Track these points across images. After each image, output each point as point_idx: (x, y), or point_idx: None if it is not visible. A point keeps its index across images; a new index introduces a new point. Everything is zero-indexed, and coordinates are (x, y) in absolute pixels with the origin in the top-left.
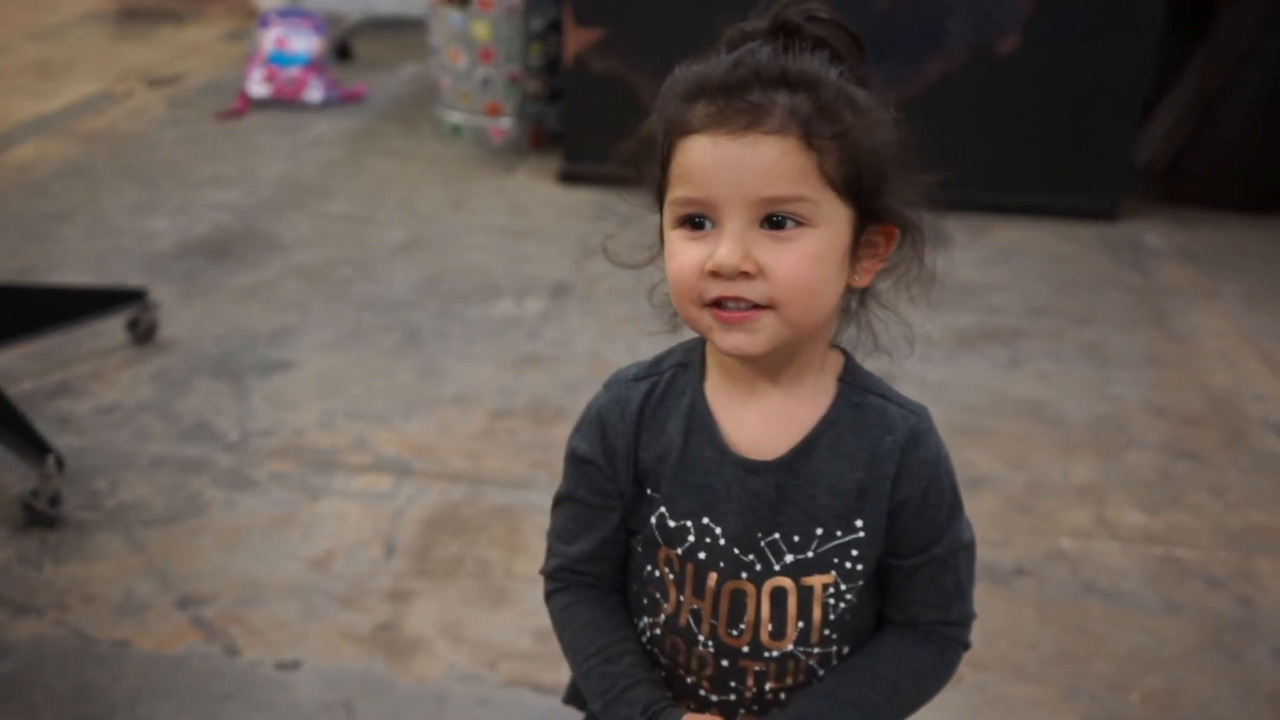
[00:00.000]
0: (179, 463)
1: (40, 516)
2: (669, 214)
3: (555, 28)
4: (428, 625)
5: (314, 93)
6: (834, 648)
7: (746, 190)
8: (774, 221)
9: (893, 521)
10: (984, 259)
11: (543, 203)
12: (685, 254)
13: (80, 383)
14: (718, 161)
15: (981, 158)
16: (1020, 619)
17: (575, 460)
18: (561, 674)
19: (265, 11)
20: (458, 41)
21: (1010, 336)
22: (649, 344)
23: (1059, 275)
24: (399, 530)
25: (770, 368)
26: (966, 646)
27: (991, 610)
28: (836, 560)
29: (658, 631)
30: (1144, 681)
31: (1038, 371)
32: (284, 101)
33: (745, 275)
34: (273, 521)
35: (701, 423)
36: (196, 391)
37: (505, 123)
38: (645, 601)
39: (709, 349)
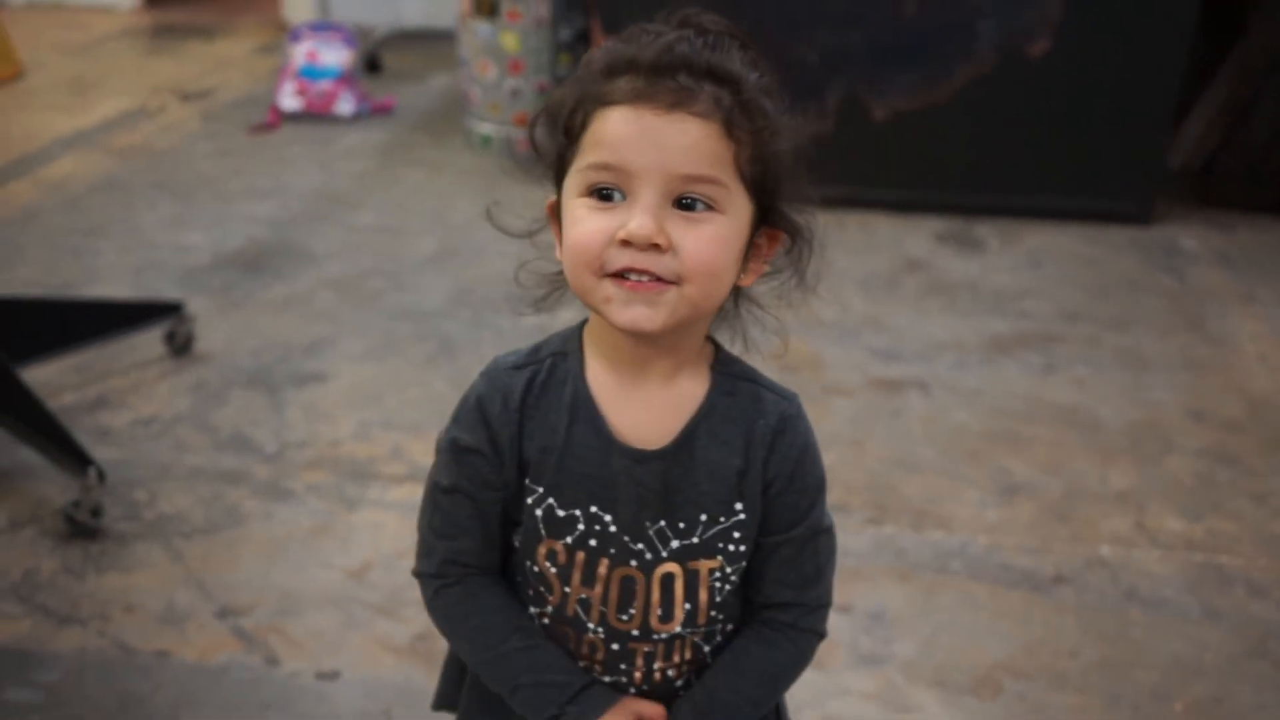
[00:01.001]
0: (217, 474)
1: (82, 528)
2: (576, 181)
3: (583, 38)
4: None
5: (345, 105)
6: (718, 625)
7: (668, 164)
8: (684, 203)
9: (762, 503)
10: (1016, 264)
11: None
12: (592, 221)
13: (119, 395)
14: (640, 131)
15: (1013, 162)
16: (1061, 627)
17: (457, 450)
18: None
19: (296, 25)
20: (487, 53)
21: (1044, 342)
22: None
23: (1093, 280)
24: None
25: (656, 352)
26: (821, 636)
27: (1031, 618)
28: (721, 544)
29: (545, 622)
30: (1187, 690)
31: (1073, 377)
32: (315, 114)
33: (655, 248)
34: (310, 532)
35: (585, 412)
36: (233, 403)
37: None
38: (530, 594)
39: (589, 338)
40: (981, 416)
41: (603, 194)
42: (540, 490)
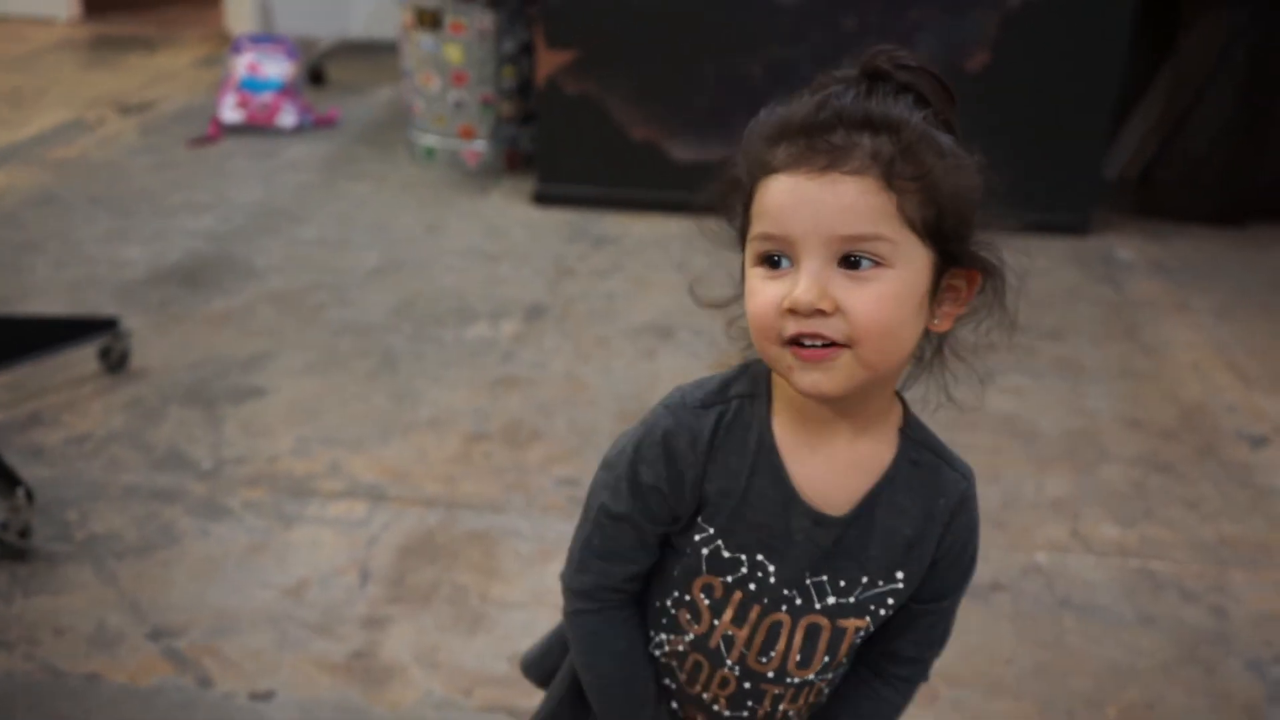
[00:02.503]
0: (151, 492)
1: (10, 549)
2: (749, 251)
3: (527, 50)
4: (403, 652)
5: (287, 118)
6: (843, 670)
7: (823, 228)
8: (850, 261)
9: (928, 575)
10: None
11: (517, 224)
12: (764, 293)
13: (52, 413)
14: (797, 200)
15: None
16: (997, 634)
17: (638, 485)
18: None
19: (238, 37)
20: (430, 65)
21: (980, 351)
22: (619, 367)
23: (1031, 290)
24: (374, 557)
25: (842, 410)
26: (925, 679)
27: (968, 626)
28: (873, 607)
29: (680, 649)
30: (1121, 696)
31: (1011, 386)
32: (257, 127)
33: (821, 313)
34: (247, 550)
35: (768, 463)
36: (169, 420)
37: (479, 145)
38: (666, 620)
39: (778, 384)
40: None
41: (772, 261)
42: (710, 531)
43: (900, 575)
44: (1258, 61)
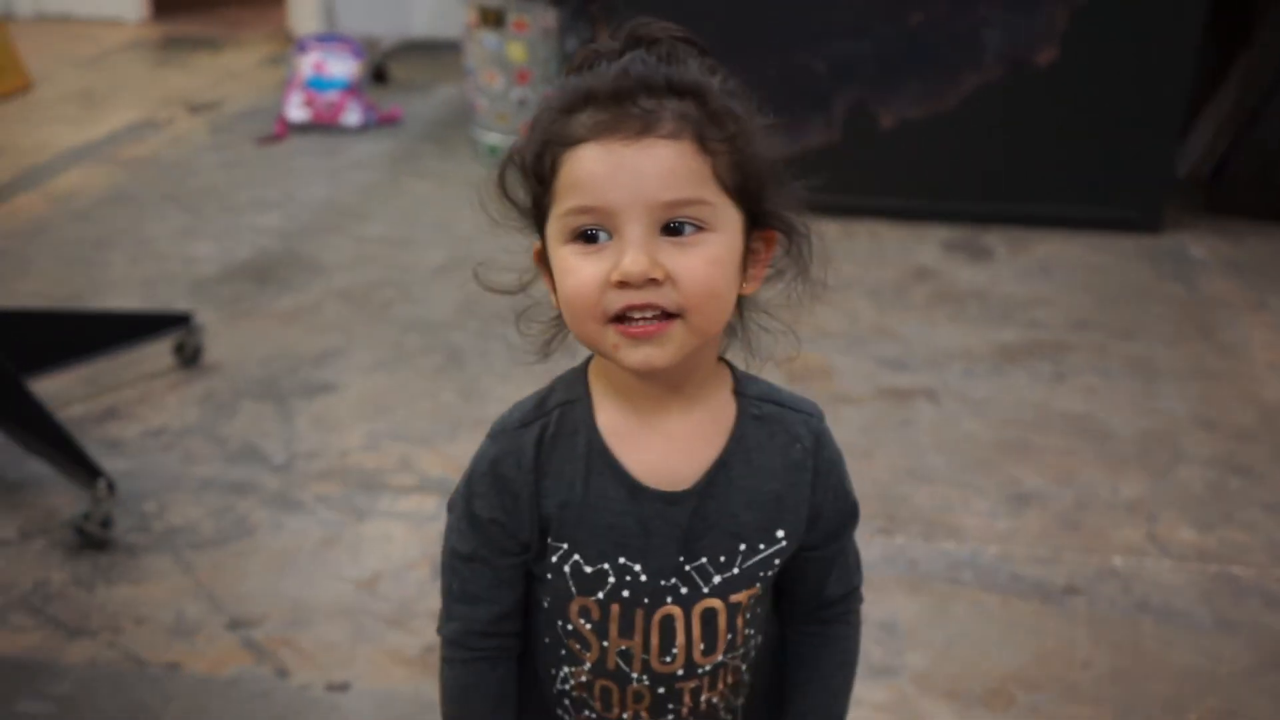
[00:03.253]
0: (226, 485)
1: (92, 539)
2: (558, 228)
3: None
4: None
5: (352, 116)
6: (752, 643)
7: (647, 194)
8: (673, 228)
9: (813, 523)
10: (1025, 272)
11: None
12: (583, 269)
13: (128, 407)
14: (613, 166)
15: (1021, 170)
16: (1072, 638)
17: (474, 520)
18: None
19: (303, 37)
20: (493, 63)
21: (1054, 351)
22: None
23: (1102, 288)
24: None
25: (672, 384)
26: (861, 600)
27: (1043, 629)
28: (761, 573)
29: (584, 679)
30: (1201, 702)
31: (1083, 386)
32: (322, 125)
33: (653, 282)
34: (320, 543)
35: (602, 461)
36: (242, 414)
37: None
38: (563, 653)
39: (595, 378)
40: (991, 426)
41: (588, 236)
42: (564, 547)
43: (781, 533)
44: None
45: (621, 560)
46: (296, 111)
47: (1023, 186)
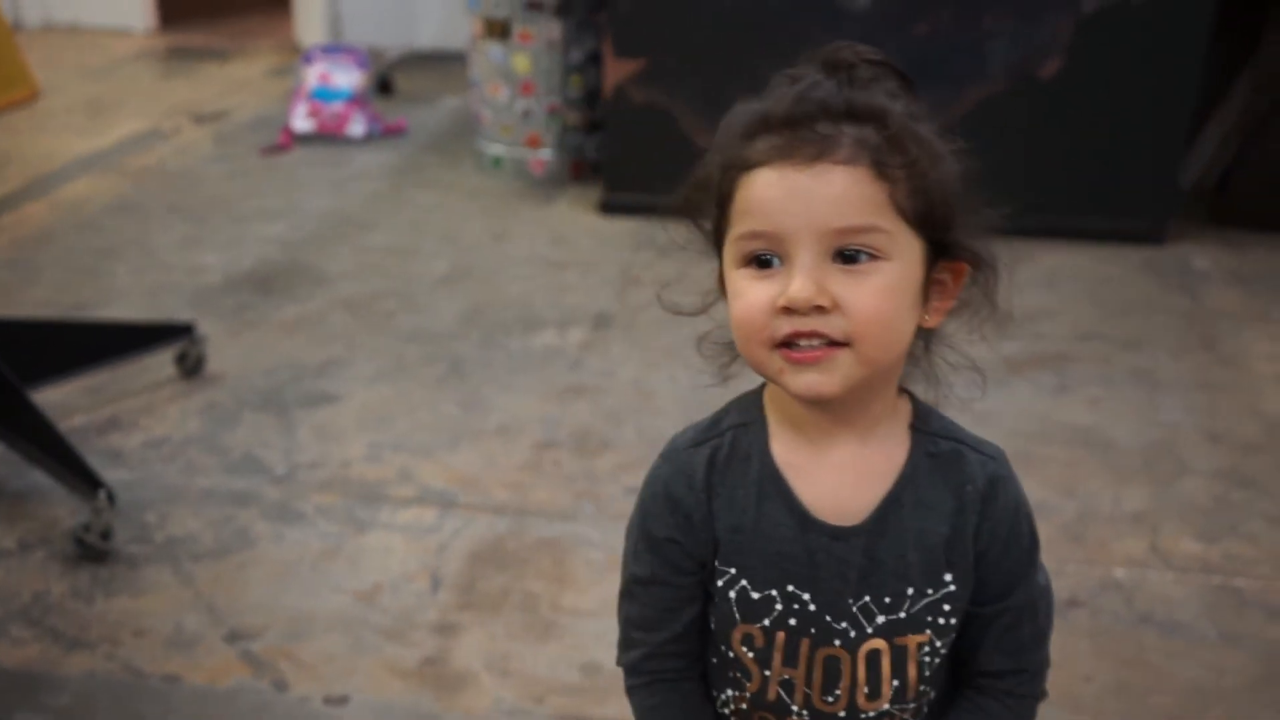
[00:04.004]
0: (227, 496)
1: (92, 550)
2: (732, 252)
3: (595, 60)
4: (475, 659)
5: (357, 127)
6: (926, 699)
7: (818, 221)
8: (846, 255)
9: (974, 570)
10: (1029, 284)
11: (584, 233)
12: (753, 293)
13: (130, 417)
14: (786, 192)
15: (1025, 181)
16: (1075, 651)
17: (651, 541)
18: (609, 708)
19: (309, 48)
20: (498, 75)
21: (1058, 362)
22: (687, 376)
23: (1106, 299)
24: (445, 563)
25: (843, 415)
26: (1043, 697)
27: None
28: (930, 618)
29: (744, 707)
30: (1205, 716)
31: (1087, 397)
32: (327, 136)
33: (820, 310)
34: (320, 554)
35: (774, 487)
36: (244, 425)
37: (546, 154)
38: (730, 675)
39: (770, 404)
40: (995, 437)
41: (760, 261)
42: (731, 572)
43: (949, 577)
44: None
45: (790, 588)
46: (301, 122)
47: (1027, 198)
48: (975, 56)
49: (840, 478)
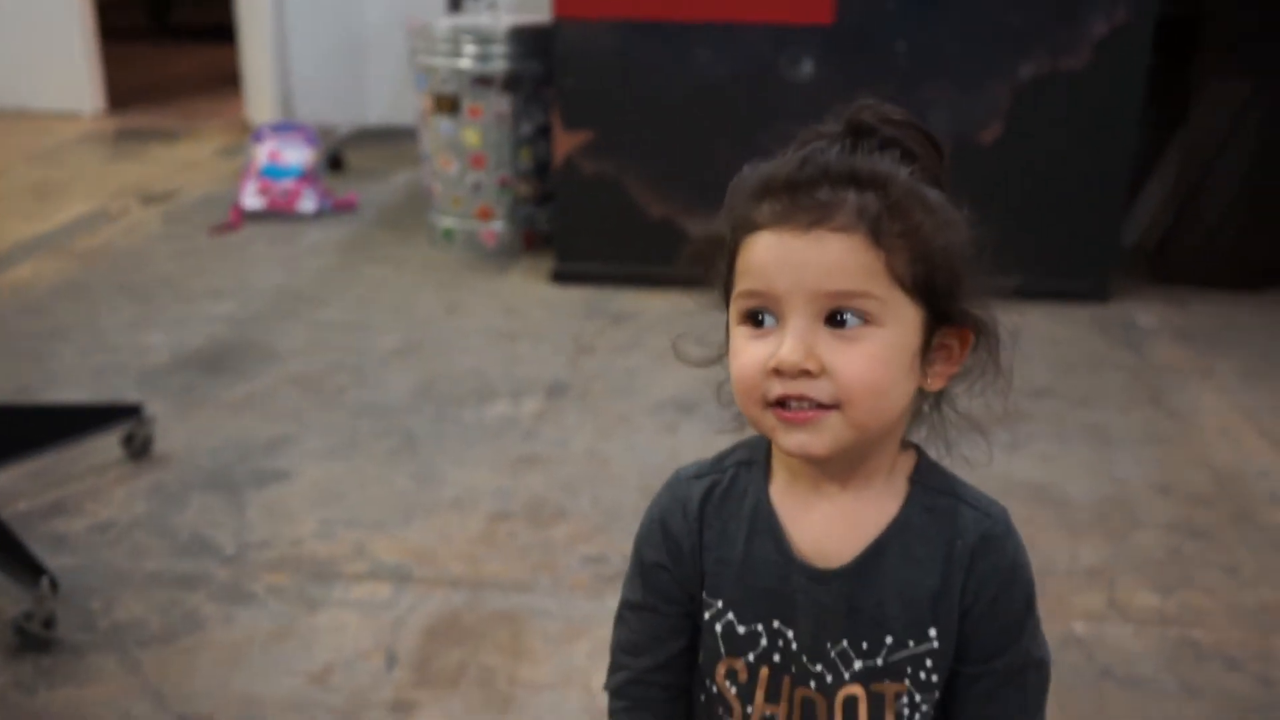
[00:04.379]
0: (175, 579)
1: (34, 640)
2: (733, 309)
3: (544, 132)
4: None
5: (307, 203)
6: None
7: (809, 284)
8: (837, 319)
9: (959, 627)
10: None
11: (536, 303)
12: (748, 353)
13: (75, 501)
14: (781, 256)
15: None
16: None
17: (644, 567)
18: None
19: (259, 126)
20: (448, 149)
21: (1010, 419)
22: (643, 442)
23: (1055, 357)
24: (400, 639)
25: (838, 470)
26: None
27: None
28: (910, 670)
29: None
30: None
31: (1040, 454)
32: (278, 213)
33: (807, 374)
34: (271, 635)
35: (765, 525)
36: (192, 505)
37: (497, 226)
38: (717, 711)
39: (775, 448)
40: None
41: (755, 320)
42: (719, 605)
43: (933, 632)
44: (1268, 130)
45: (776, 624)
46: (252, 200)
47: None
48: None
49: (829, 523)
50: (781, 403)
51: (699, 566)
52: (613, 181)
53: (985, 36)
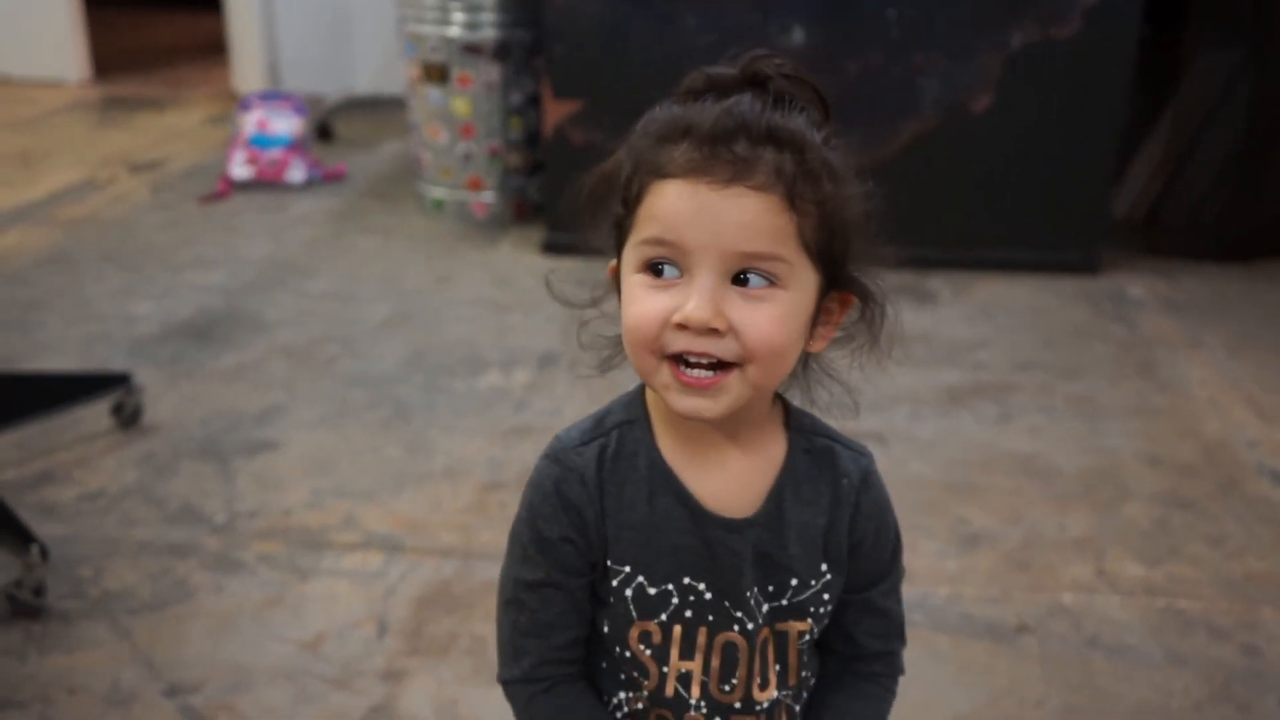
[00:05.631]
0: (165, 547)
1: (24, 607)
2: (633, 255)
3: (534, 101)
4: (422, 705)
5: (296, 173)
6: (806, 684)
7: (724, 242)
8: (743, 279)
9: (849, 560)
10: (968, 315)
11: (526, 274)
12: (648, 302)
13: (64, 470)
14: (696, 208)
15: (961, 215)
16: (1025, 677)
17: (543, 543)
18: None
19: (246, 95)
20: (438, 118)
21: (999, 392)
22: None
23: (1044, 329)
24: (391, 608)
25: (726, 424)
26: (902, 672)
27: (995, 669)
28: (812, 608)
29: (640, 707)
30: None
31: (1028, 426)
32: (266, 183)
33: (714, 332)
34: (262, 604)
35: (665, 482)
36: (182, 474)
37: (487, 196)
38: (623, 678)
39: (653, 403)
40: (938, 467)
41: (658, 270)
42: (626, 570)
43: (824, 567)
44: (1257, 100)
45: (686, 580)
46: (240, 169)
47: (963, 231)
48: (908, 93)
49: (726, 473)
50: (680, 359)
51: (603, 533)
52: (603, 150)
53: (976, 4)
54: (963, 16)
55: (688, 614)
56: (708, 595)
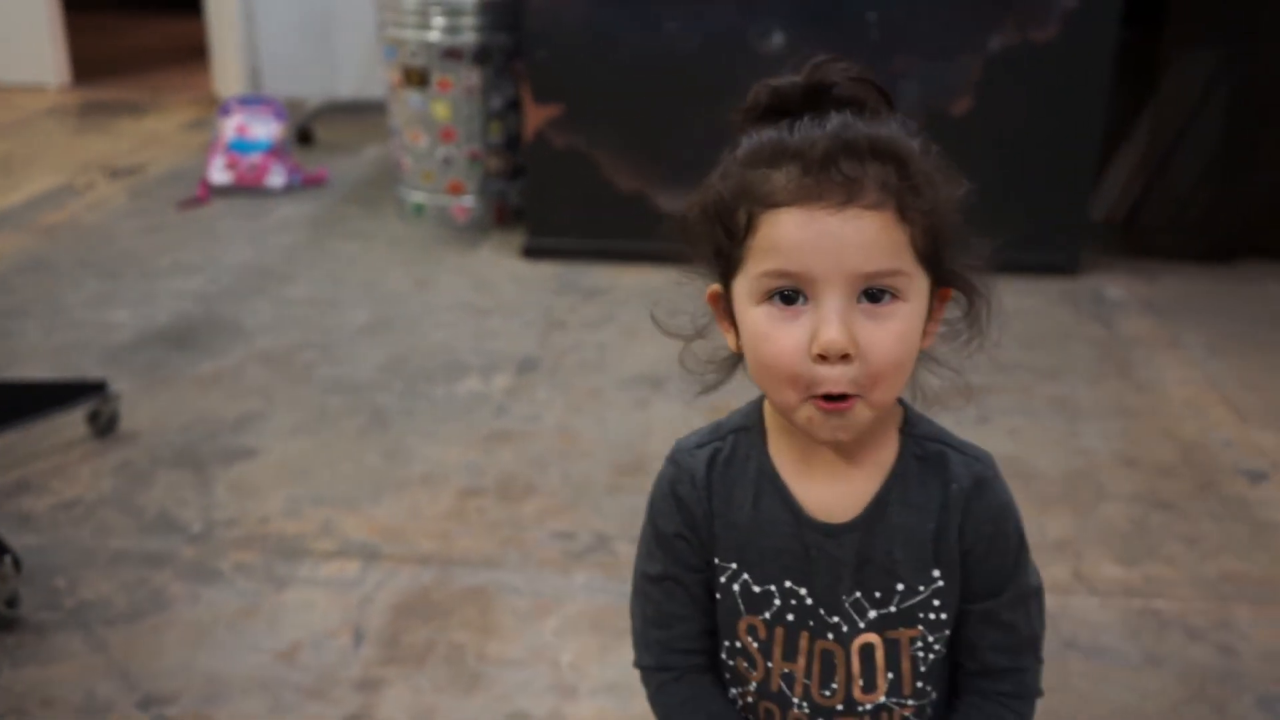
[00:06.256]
0: (141, 557)
1: None
2: (754, 287)
3: (514, 106)
4: (399, 715)
5: (276, 178)
6: (928, 696)
7: (848, 265)
8: (871, 295)
9: (961, 568)
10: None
11: (507, 278)
12: (783, 336)
13: (40, 479)
14: (816, 235)
15: None
16: None
17: (662, 540)
18: None
19: (226, 99)
20: (418, 122)
21: (978, 392)
22: (616, 416)
23: (1023, 330)
24: (368, 617)
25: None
26: (1039, 695)
27: None
28: (921, 614)
29: (749, 700)
30: None
31: (1007, 427)
32: (246, 188)
33: (846, 357)
34: (238, 614)
35: (771, 486)
36: (159, 483)
37: (468, 201)
38: (730, 674)
39: (769, 411)
40: None
41: (786, 298)
42: (733, 567)
43: (937, 573)
44: (1237, 101)
45: (788, 584)
46: (219, 174)
47: None
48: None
49: (833, 479)
50: (825, 394)
51: (711, 531)
52: (583, 155)
53: (955, 7)
54: (943, 19)
55: (789, 617)
56: (809, 601)
